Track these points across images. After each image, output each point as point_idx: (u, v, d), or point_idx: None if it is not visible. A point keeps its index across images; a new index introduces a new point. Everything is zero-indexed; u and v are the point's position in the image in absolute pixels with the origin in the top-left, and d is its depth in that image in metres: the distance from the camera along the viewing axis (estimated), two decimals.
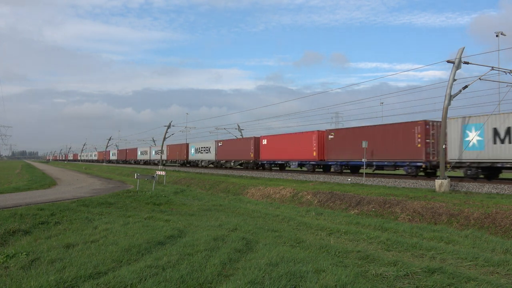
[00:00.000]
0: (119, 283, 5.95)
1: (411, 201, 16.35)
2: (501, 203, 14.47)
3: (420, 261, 8.33)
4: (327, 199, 19.83)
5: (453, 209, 14.60)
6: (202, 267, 6.78)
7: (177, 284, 5.97)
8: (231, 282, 6.02)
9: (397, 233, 12.25)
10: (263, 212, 16.23)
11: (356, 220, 14.80)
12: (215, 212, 15.66)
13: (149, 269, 6.57)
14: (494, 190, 18.09)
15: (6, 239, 9.64)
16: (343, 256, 8.26)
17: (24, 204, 14.69)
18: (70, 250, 8.09)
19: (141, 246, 8.25)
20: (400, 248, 9.62)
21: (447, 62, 19.46)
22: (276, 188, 23.95)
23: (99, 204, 15.79)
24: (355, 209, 17.70)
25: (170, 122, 56.48)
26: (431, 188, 20.03)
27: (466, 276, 6.82)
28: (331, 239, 10.75)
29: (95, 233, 9.97)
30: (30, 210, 12.63)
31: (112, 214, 13.38)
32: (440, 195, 17.64)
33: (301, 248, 8.84)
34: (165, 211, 15.25)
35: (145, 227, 10.64)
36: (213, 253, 7.76)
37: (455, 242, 10.82)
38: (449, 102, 19.14)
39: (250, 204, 20.42)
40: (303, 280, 6.10)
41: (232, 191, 26.82)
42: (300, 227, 12.88)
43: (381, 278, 6.67)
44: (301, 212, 17.14)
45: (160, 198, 18.88)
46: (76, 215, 12.69)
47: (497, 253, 9.63)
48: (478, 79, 19.61)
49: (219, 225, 11.78)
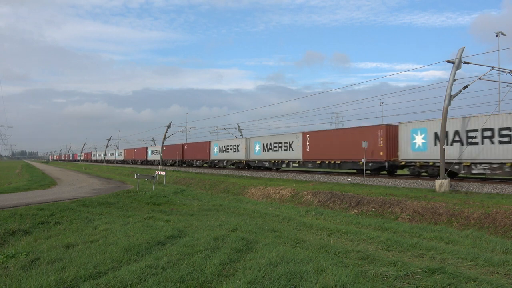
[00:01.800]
0: (119, 283, 5.95)
1: (411, 201, 16.34)
2: (501, 203, 14.47)
3: (420, 261, 8.32)
4: (327, 199, 19.82)
5: (453, 209, 14.59)
6: (202, 267, 6.77)
7: (177, 284, 5.97)
8: (231, 282, 6.01)
9: (397, 233, 12.24)
10: (263, 212, 16.22)
11: (356, 220, 14.79)
12: (215, 212, 15.65)
13: (149, 269, 6.56)
14: (494, 190, 18.09)
15: (6, 239, 9.63)
16: (343, 256, 8.25)
17: (24, 204, 14.68)
18: (70, 250, 8.08)
19: (141, 246, 8.25)
20: (400, 248, 9.61)
21: (447, 62, 19.49)
22: (276, 188, 23.95)
23: (99, 204, 15.78)
24: (355, 209, 17.70)
25: (170, 122, 56.54)
26: (431, 188, 20.03)
27: (466, 276, 6.81)
28: (331, 239, 10.75)
29: (95, 233, 9.97)
30: (30, 210, 12.62)
31: (112, 214, 13.38)
32: (440, 195, 17.64)
33: (301, 248, 8.83)
34: (165, 211, 15.24)
35: (145, 227, 10.63)
36: (213, 253, 7.76)
37: (455, 242, 10.82)
38: (449, 102, 19.15)
39: (250, 204, 20.41)
40: (303, 280, 6.09)
41: (232, 191, 26.81)
42: (300, 227, 12.88)
43: (381, 278, 6.66)
44: (301, 212, 17.13)
45: (160, 198, 18.87)
46: (76, 215, 12.69)
47: (497, 253, 9.63)
48: (478, 79, 19.62)
49: (219, 225, 11.77)
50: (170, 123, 56.51)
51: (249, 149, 40.17)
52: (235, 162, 42.35)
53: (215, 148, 46.36)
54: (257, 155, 38.50)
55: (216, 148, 46.02)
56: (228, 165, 44.24)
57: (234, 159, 42.39)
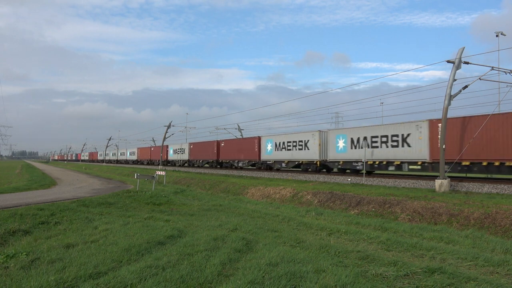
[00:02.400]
0: (119, 283, 5.95)
1: (411, 201, 16.34)
2: (501, 203, 14.47)
3: (420, 261, 8.32)
4: (327, 199, 19.82)
5: (453, 209, 14.60)
6: (202, 267, 6.77)
7: (177, 284, 5.97)
8: (231, 282, 6.01)
9: (397, 233, 12.24)
10: (263, 212, 16.22)
11: (356, 220, 14.79)
12: (215, 212, 15.65)
13: (149, 269, 6.56)
14: (494, 190, 18.09)
15: (6, 239, 9.63)
16: (343, 256, 8.25)
17: (24, 204, 14.68)
18: (70, 250, 8.08)
19: (141, 246, 8.24)
20: (400, 248, 9.61)
21: (447, 62, 19.47)
22: (276, 188, 23.95)
23: (99, 204, 15.79)
24: (355, 209, 17.70)
25: (170, 122, 56.53)
26: (431, 188, 20.03)
27: (466, 276, 6.81)
28: (331, 239, 10.75)
29: (95, 233, 9.97)
30: (30, 210, 12.62)
31: (112, 214, 13.38)
32: (440, 195, 17.64)
33: (301, 248, 8.83)
34: (165, 211, 15.24)
35: (145, 227, 10.63)
36: (213, 253, 7.76)
37: (455, 242, 10.82)
38: (449, 102, 19.14)
39: (250, 204, 20.42)
40: (303, 280, 6.09)
41: (232, 191, 26.82)
42: (300, 227, 12.88)
43: (381, 278, 6.66)
44: (301, 212, 17.13)
45: (160, 198, 18.87)
46: (76, 215, 12.69)
47: (497, 253, 9.63)
48: (478, 79, 19.62)
49: (219, 225, 11.77)
50: (170, 123, 56.52)
51: (327, 146, 29.05)
52: (303, 163, 31.72)
53: (268, 145, 35.48)
54: (341, 152, 27.87)
55: (270, 146, 35.12)
56: (291, 166, 33.20)
57: (301, 159, 31.51)
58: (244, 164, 40.30)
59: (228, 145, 42.62)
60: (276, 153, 34.25)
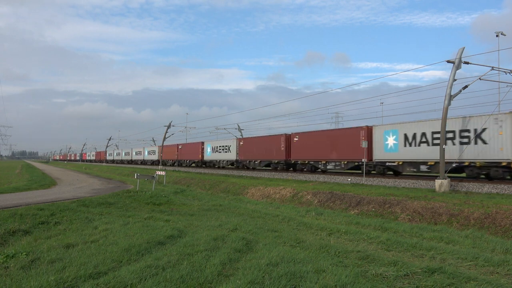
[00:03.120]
0: (119, 283, 5.95)
1: (411, 201, 16.34)
2: (501, 203, 14.47)
3: (420, 261, 8.32)
4: (327, 199, 19.83)
5: (453, 209, 14.60)
6: (202, 267, 6.77)
7: (177, 284, 5.97)
8: (231, 282, 6.01)
9: (397, 233, 12.24)
10: (263, 212, 16.22)
11: (356, 220, 14.79)
12: (215, 212, 15.65)
13: (149, 269, 6.56)
14: (494, 190, 18.08)
15: (6, 239, 9.63)
16: (343, 256, 8.25)
17: (24, 204, 14.68)
18: (70, 250, 8.08)
19: (141, 246, 8.24)
20: (400, 248, 9.61)
21: (447, 62, 19.48)
22: (276, 188, 23.95)
23: (99, 204, 15.78)
24: (355, 209, 17.70)
25: (170, 122, 56.51)
26: (431, 188, 20.03)
27: (466, 276, 6.81)
28: (331, 239, 10.75)
29: (95, 233, 9.97)
30: (30, 210, 12.62)
31: (112, 214, 13.38)
32: (440, 195, 17.64)
33: (301, 248, 8.83)
34: (165, 211, 15.24)
35: (145, 227, 10.63)
36: (213, 253, 7.76)
37: (455, 242, 10.82)
38: (449, 102, 19.14)
39: (250, 204, 20.42)
40: (303, 280, 6.09)
41: (232, 191, 26.82)
42: (300, 227, 12.88)
43: (381, 278, 6.66)
44: (301, 212, 17.13)
45: (160, 198, 18.87)
46: (76, 215, 12.68)
47: (497, 253, 9.63)
48: (478, 79, 19.61)
49: (219, 225, 11.77)
50: (170, 123, 56.51)
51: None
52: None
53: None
54: None
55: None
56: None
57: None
58: (337, 166, 28.60)
59: (306, 139, 31.01)
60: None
